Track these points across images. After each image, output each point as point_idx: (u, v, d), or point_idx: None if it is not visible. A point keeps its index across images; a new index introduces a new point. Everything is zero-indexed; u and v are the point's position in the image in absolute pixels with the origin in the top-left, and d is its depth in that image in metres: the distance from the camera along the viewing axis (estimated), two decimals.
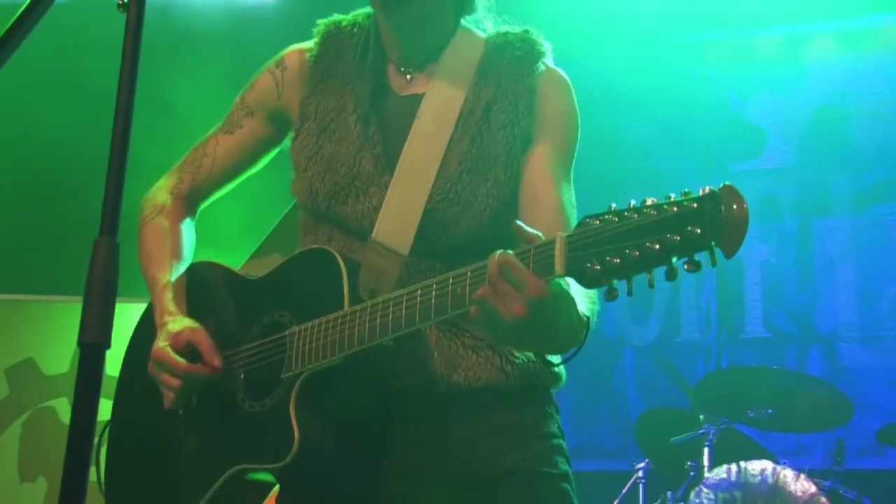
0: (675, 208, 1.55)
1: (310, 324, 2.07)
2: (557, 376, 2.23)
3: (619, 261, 1.59)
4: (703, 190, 1.54)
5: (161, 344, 2.21)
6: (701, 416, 5.19)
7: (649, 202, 1.59)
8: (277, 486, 2.15)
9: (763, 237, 6.83)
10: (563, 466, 2.21)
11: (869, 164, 6.68)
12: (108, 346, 1.50)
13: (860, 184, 6.68)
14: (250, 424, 2.13)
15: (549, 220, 2.09)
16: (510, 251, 1.73)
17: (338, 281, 2.05)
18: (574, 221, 2.06)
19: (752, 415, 5.19)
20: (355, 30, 2.35)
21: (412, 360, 2.12)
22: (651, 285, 1.59)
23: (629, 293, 1.61)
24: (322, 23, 2.40)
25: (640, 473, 5.28)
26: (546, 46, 2.29)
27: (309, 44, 2.40)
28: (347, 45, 2.34)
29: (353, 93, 2.27)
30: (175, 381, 2.18)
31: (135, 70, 1.53)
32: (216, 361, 2.17)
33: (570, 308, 1.81)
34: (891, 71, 6.70)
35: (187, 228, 2.48)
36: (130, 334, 2.43)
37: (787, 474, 4.77)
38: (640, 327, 6.83)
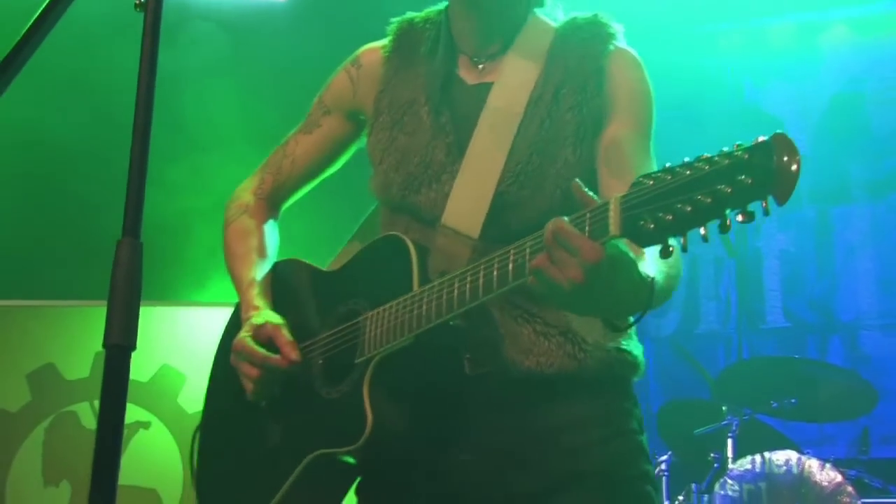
0: (727, 160, 1.55)
1: (381, 308, 2.10)
2: (634, 364, 2.19)
3: (671, 217, 1.58)
4: (756, 140, 1.53)
5: (243, 335, 2.26)
6: (724, 408, 5.16)
7: (703, 157, 1.59)
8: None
9: (781, 226, 6.81)
10: (644, 466, 2.19)
11: (886, 151, 6.65)
12: (134, 348, 1.49)
13: (877, 171, 6.66)
14: (327, 411, 2.15)
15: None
16: (565, 217, 1.72)
17: (407, 264, 2.08)
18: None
19: (774, 405, 5.16)
20: (427, 25, 2.38)
21: (484, 347, 2.11)
22: (706, 240, 1.57)
23: (683, 249, 1.60)
24: (395, 21, 2.43)
25: (663, 466, 5.25)
26: (616, 28, 2.28)
27: (383, 41, 2.43)
28: (419, 40, 2.36)
29: (425, 84, 2.30)
30: (254, 371, 2.23)
31: (153, 70, 1.52)
32: (293, 355, 2.20)
33: (630, 270, 1.77)
34: None
35: (270, 228, 2.54)
36: (153, 337, 2.47)
37: (812, 464, 4.74)
38: (659, 319, 6.82)
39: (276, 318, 2.28)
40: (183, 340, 6.60)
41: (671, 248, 1.61)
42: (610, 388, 2.18)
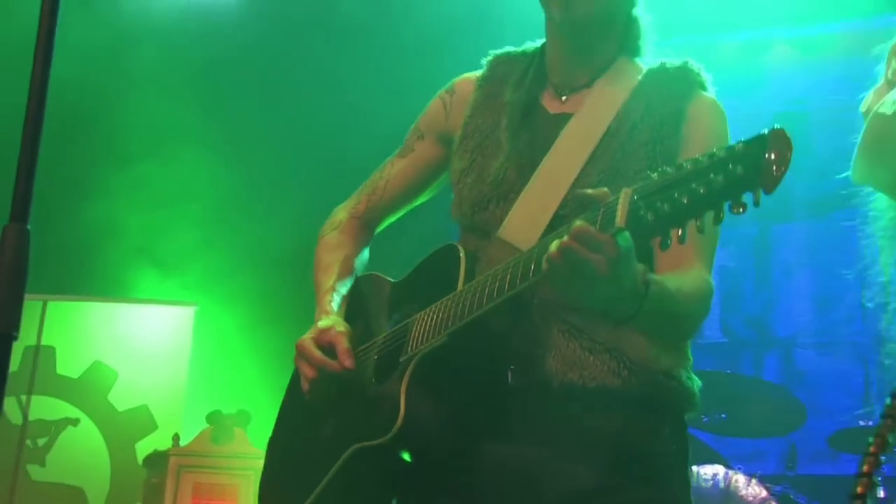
0: (725, 153, 1.59)
1: (428, 308, 2.18)
2: (683, 394, 2.20)
3: (669, 207, 1.64)
4: (756, 134, 1.59)
5: (306, 336, 2.33)
6: None
7: (709, 152, 1.63)
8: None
9: (721, 242, 6.72)
10: (676, 490, 2.20)
11: (827, 170, 6.68)
12: (16, 337, 1.44)
13: (818, 190, 6.70)
14: (370, 407, 2.22)
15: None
16: (580, 220, 1.78)
17: (456, 268, 2.17)
18: (707, 244, 2.15)
19: (705, 420, 5.18)
20: (523, 58, 2.46)
21: (529, 360, 2.14)
22: (700, 230, 1.63)
23: (681, 240, 1.66)
24: (493, 52, 2.51)
25: None
26: (705, 77, 2.32)
27: (480, 72, 2.51)
28: (512, 71, 2.44)
29: (508, 110, 2.36)
30: (310, 372, 2.30)
31: (50, 51, 1.49)
32: (347, 362, 2.26)
33: (630, 264, 1.82)
34: (849, 78, 6.72)
35: (360, 245, 2.63)
36: (85, 333, 2.39)
37: (739, 479, 4.76)
38: None
39: (341, 325, 2.35)
40: (116, 337, 6.55)
41: (669, 240, 1.67)
42: (653, 412, 2.18)
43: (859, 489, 0.90)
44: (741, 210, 1.59)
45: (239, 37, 6.90)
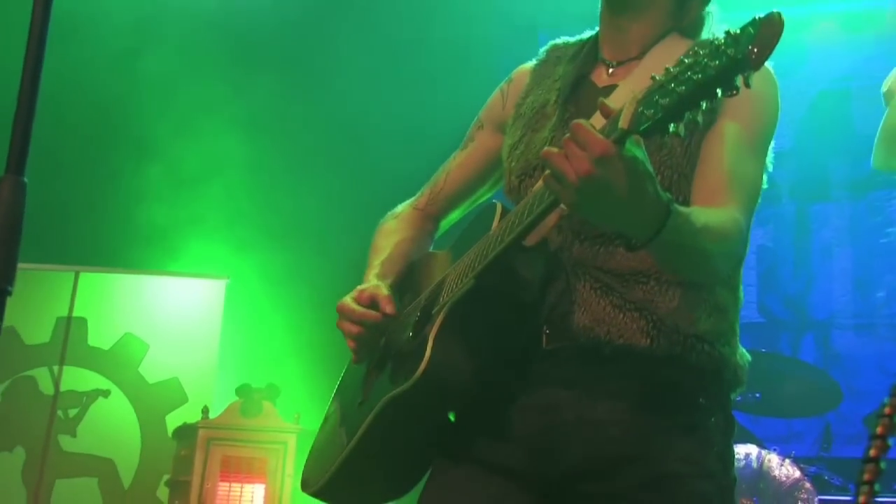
0: (722, 41, 1.59)
1: (461, 257, 2.19)
2: (718, 361, 2.13)
3: (667, 100, 1.63)
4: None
5: (346, 298, 2.33)
6: None
7: (710, 40, 1.63)
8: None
9: (759, 221, 6.72)
10: (710, 464, 2.11)
11: (868, 150, 6.57)
12: (10, 292, 1.41)
13: (858, 170, 6.60)
14: (403, 360, 2.20)
15: (713, 182, 2.09)
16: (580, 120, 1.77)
17: (492, 217, 2.18)
18: (746, 187, 2.10)
19: (738, 399, 5.06)
20: (577, 43, 2.47)
21: (558, 314, 2.13)
22: (697, 122, 1.64)
23: (680, 135, 1.66)
24: (552, 42, 2.53)
25: None
26: None
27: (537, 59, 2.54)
28: (566, 54, 2.45)
29: (558, 86, 2.37)
30: (353, 328, 2.30)
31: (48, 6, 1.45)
32: (388, 308, 2.27)
33: (643, 180, 1.76)
34: (892, 55, 6.60)
35: (419, 233, 2.62)
36: (117, 304, 2.38)
37: (773, 459, 4.70)
38: None
39: (379, 283, 2.36)
40: (148, 310, 6.57)
41: (668, 135, 1.67)
42: (688, 379, 2.12)
43: (866, 475, 0.84)
44: (734, 93, 1.58)
45: (268, 13, 6.87)
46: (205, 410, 5.71)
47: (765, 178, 2.20)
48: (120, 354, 6.45)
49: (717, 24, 2.33)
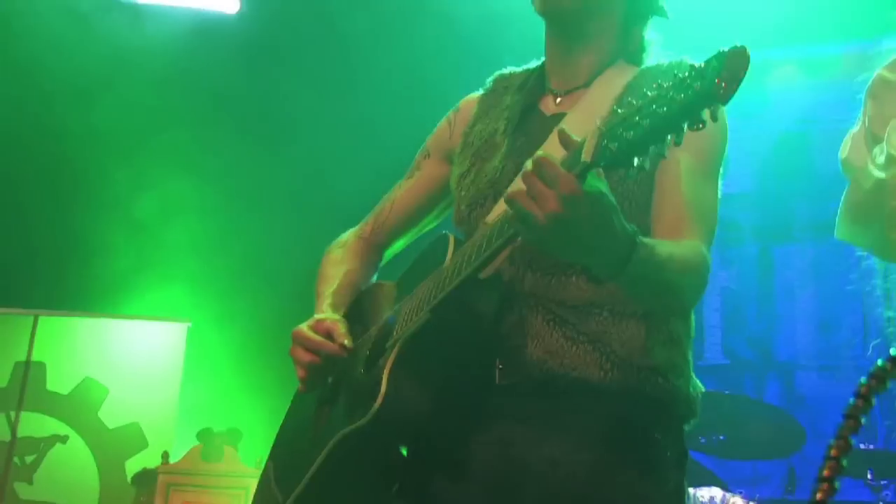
0: (686, 72, 1.57)
1: (415, 290, 2.17)
2: (672, 393, 2.12)
3: (631, 133, 1.61)
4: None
5: (302, 325, 2.32)
6: None
7: (674, 73, 1.61)
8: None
9: (723, 263, 6.79)
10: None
11: (830, 192, 6.62)
12: None
13: (821, 212, 6.64)
14: (355, 395, 2.19)
15: (673, 213, 2.10)
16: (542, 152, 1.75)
17: (445, 250, 2.16)
18: (706, 217, 2.12)
19: (703, 441, 5.10)
20: (524, 73, 2.49)
21: (512, 347, 2.11)
22: (663, 155, 1.61)
23: (644, 168, 1.64)
24: (498, 72, 2.55)
25: None
26: None
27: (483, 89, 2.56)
28: (513, 84, 2.47)
29: (506, 115, 2.39)
30: (307, 356, 2.26)
31: None
32: (345, 341, 2.25)
33: (608, 214, 1.75)
34: (852, 99, 6.66)
35: (365, 264, 2.61)
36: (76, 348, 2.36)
37: (737, 502, 4.67)
38: None
39: (336, 317, 2.35)
40: (108, 353, 6.49)
41: (633, 169, 1.64)
42: (642, 413, 2.11)
43: (819, 495, 0.82)
44: (700, 127, 1.56)
45: (225, 58, 6.88)
46: (165, 455, 5.63)
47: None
48: (79, 399, 6.36)
49: (661, 53, 2.34)
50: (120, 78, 6.57)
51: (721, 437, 5.07)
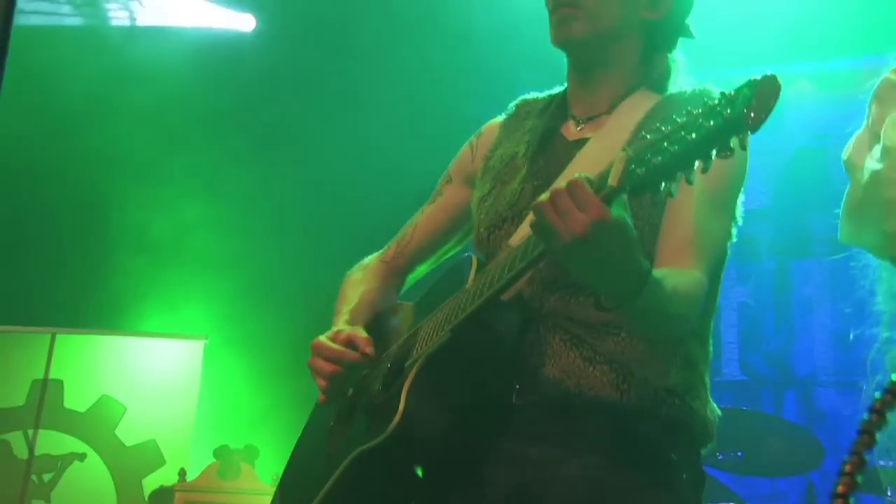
0: (717, 99, 1.57)
1: (436, 310, 2.17)
2: (688, 415, 2.13)
3: (659, 159, 1.62)
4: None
5: (321, 336, 2.30)
6: None
7: (704, 101, 1.62)
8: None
9: (740, 279, 6.77)
10: None
11: None
12: None
13: (838, 226, 6.61)
14: (373, 413, 2.18)
15: (679, 239, 2.11)
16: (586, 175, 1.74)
17: (468, 271, 2.18)
18: (712, 247, 2.13)
19: (720, 457, 5.07)
20: (547, 98, 2.50)
21: (529, 367, 2.11)
22: (689, 182, 1.62)
23: (671, 194, 1.65)
24: (521, 97, 2.56)
25: None
26: None
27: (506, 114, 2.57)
28: (535, 109, 2.48)
29: (527, 138, 2.39)
30: (327, 366, 2.24)
31: None
32: (368, 349, 2.23)
33: (630, 246, 1.76)
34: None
35: (386, 286, 2.60)
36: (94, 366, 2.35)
37: None
38: None
39: (356, 327, 2.34)
40: (125, 371, 6.51)
41: (661, 194, 1.66)
42: (658, 435, 2.11)
43: None
44: (728, 154, 1.57)
45: (232, 77, 6.91)
46: (182, 473, 5.63)
47: (734, 231, 2.22)
48: (96, 417, 6.37)
49: (684, 75, 2.35)
50: (135, 98, 6.60)
51: (739, 454, 5.04)
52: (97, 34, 6.77)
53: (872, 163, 2.13)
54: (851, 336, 6.14)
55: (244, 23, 7.04)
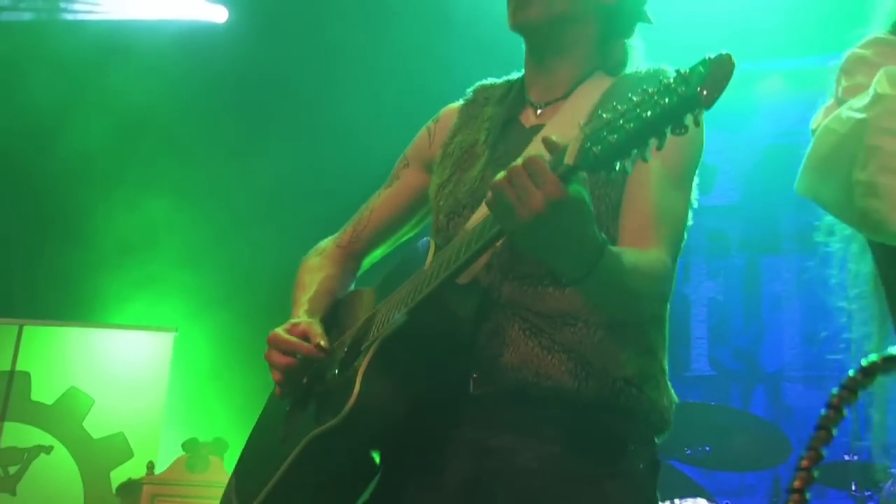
0: (671, 78, 1.60)
1: (393, 293, 2.17)
2: (647, 405, 2.14)
3: (615, 137, 1.63)
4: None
5: (278, 329, 2.29)
6: None
7: (659, 80, 1.64)
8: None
9: (710, 274, 6.81)
10: None
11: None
12: None
13: (807, 222, 6.64)
14: (328, 396, 2.16)
15: (639, 220, 2.12)
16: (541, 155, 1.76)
17: (425, 254, 2.17)
18: (672, 226, 2.14)
19: (688, 452, 5.09)
20: (505, 84, 2.50)
21: (487, 355, 2.12)
22: (644, 159, 1.65)
23: (626, 172, 1.68)
24: (479, 83, 2.56)
25: None
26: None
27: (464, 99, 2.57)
28: (494, 95, 2.49)
29: (486, 126, 2.40)
30: (283, 359, 2.23)
31: None
32: (321, 341, 2.22)
33: (587, 223, 1.78)
34: None
35: (342, 271, 2.59)
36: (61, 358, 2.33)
37: None
38: None
39: (312, 320, 2.32)
40: (93, 363, 6.47)
41: (615, 172, 1.67)
42: (615, 424, 2.12)
43: None
44: (683, 131, 1.60)
45: (199, 80, 6.89)
46: (150, 466, 5.61)
47: (690, 214, 2.23)
48: (64, 409, 6.33)
49: (643, 60, 2.36)
50: (107, 93, 6.57)
51: (707, 449, 5.06)
52: (67, 27, 6.72)
53: (855, 114, 2.13)
54: (823, 335, 6.22)
55: (216, 14, 7.00)
